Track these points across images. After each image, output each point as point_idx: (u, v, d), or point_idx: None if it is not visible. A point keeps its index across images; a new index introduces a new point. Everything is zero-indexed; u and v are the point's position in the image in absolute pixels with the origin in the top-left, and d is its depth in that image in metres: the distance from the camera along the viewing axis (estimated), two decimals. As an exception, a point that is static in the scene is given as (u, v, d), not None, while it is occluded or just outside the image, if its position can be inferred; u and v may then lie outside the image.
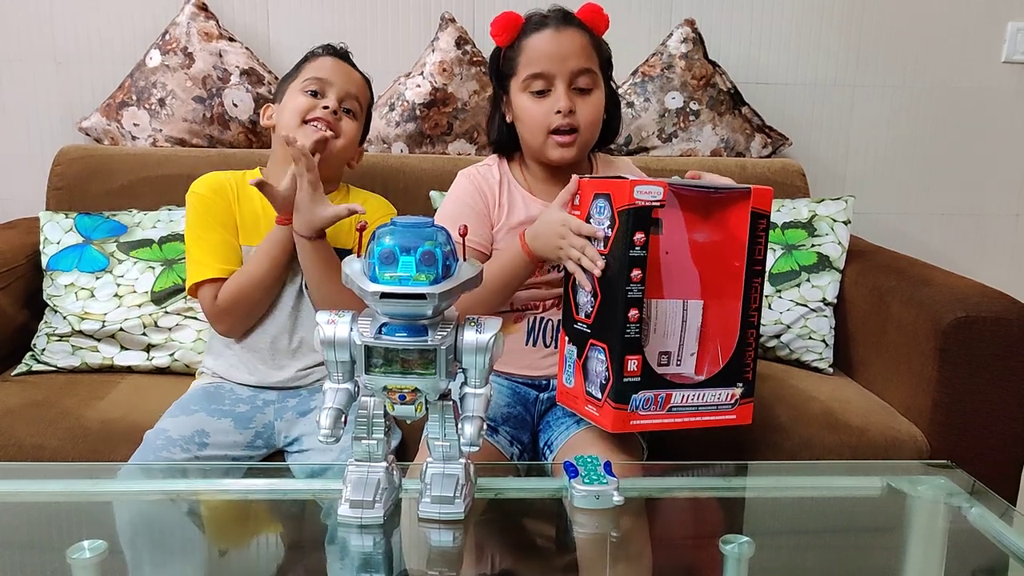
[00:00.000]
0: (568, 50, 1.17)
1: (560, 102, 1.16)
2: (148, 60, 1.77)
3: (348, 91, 1.31)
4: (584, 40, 1.18)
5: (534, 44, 1.18)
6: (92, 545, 0.79)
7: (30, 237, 1.60)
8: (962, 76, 2.05)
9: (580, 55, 1.17)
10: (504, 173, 1.26)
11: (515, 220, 1.23)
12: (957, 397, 1.33)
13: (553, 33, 1.17)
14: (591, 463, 0.93)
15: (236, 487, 1.03)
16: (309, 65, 1.32)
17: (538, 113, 1.18)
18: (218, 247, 1.26)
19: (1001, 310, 1.32)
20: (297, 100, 1.28)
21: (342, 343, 0.81)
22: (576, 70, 1.17)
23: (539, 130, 1.19)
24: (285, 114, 1.29)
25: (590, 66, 1.18)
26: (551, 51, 1.17)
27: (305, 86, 1.29)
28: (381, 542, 0.84)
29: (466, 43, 1.82)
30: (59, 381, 1.45)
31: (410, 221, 0.78)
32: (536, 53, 1.18)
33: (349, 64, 1.35)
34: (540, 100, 1.18)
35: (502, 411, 1.19)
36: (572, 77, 1.17)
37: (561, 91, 1.17)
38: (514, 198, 1.25)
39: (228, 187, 1.30)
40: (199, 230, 1.27)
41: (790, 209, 1.71)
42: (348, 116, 1.31)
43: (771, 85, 2.00)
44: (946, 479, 1.00)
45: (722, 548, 0.85)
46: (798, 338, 1.59)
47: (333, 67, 1.32)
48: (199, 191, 1.30)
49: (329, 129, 1.27)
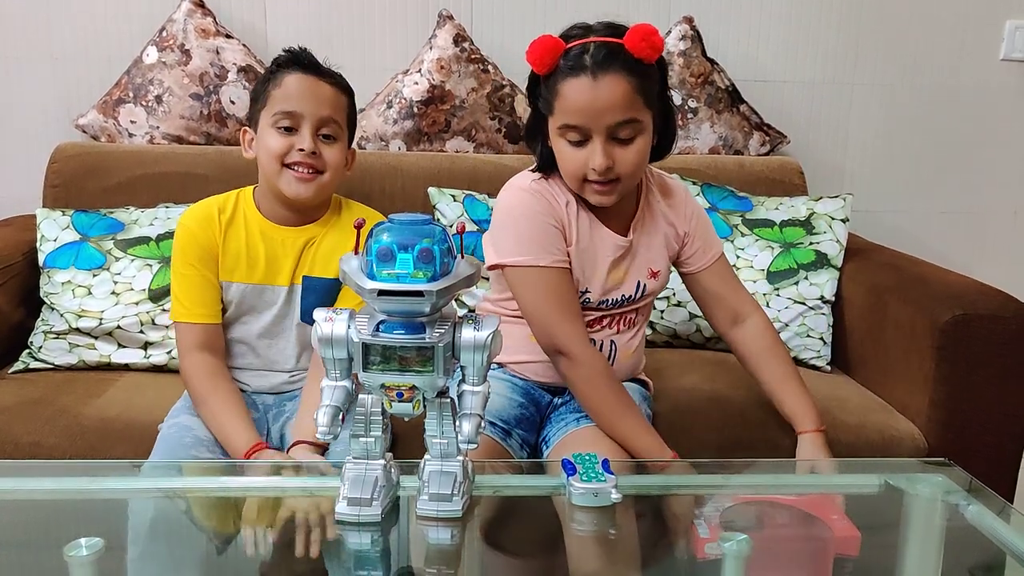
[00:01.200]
0: (605, 103, 1.05)
1: (596, 159, 1.08)
2: (145, 57, 1.76)
3: (322, 116, 1.19)
4: (625, 86, 1.06)
5: (569, 93, 1.07)
6: (89, 543, 0.79)
7: (27, 234, 1.60)
8: (960, 74, 2.05)
9: (619, 107, 1.06)
10: (563, 192, 1.17)
11: (583, 245, 1.17)
12: (955, 395, 1.33)
13: (590, 84, 1.05)
14: (589, 460, 0.93)
15: (234, 484, 1.03)
16: (276, 91, 1.20)
17: (574, 163, 1.10)
18: (195, 287, 1.22)
19: (999, 308, 1.32)
20: (270, 141, 1.19)
21: (339, 340, 0.81)
22: (613, 124, 1.07)
23: (575, 178, 1.12)
24: (262, 155, 1.21)
25: (631, 116, 1.07)
26: (586, 105, 1.06)
27: (276, 121, 1.19)
28: (379, 540, 0.84)
29: (464, 40, 1.81)
30: (56, 379, 1.44)
31: (408, 218, 0.78)
32: (571, 105, 1.07)
33: (318, 76, 1.22)
34: (577, 149, 1.10)
35: (515, 412, 1.19)
36: (611, 130, 1.08)
37: (599, 147, 1.07)
38: (581, 219, 1.17)
39: (216, 219, 1.24)
40: (180, 266, 1.23)
41: (788, 207, 1.71)
42: (328, 143, 1.21)
43: (769, 83, 1.99)
44: (944, 477, 1.00)
45: (720, 547, 0.85)
46: (796, 336, 1.59)
47: (301, 91, 1.19)
48: (185, 223, 1.25)
49: (310, 170, 1.19)
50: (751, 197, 1.74)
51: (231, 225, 1.24)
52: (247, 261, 1.23)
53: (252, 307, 1.26)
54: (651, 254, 1.22)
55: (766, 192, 1.78)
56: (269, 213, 1.26)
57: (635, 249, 1.20)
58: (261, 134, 1.21)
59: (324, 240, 1.26)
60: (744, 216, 1.70)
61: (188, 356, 1.21)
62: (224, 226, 1.24)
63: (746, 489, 1.02)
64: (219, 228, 1.24)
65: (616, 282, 1.20)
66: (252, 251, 1.23)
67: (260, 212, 1.26)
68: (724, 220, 1.69)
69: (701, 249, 1.24)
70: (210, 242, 1.23)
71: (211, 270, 1.23)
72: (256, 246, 1.24)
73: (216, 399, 1.18)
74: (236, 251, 1.24)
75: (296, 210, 1.25)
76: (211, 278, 1.23)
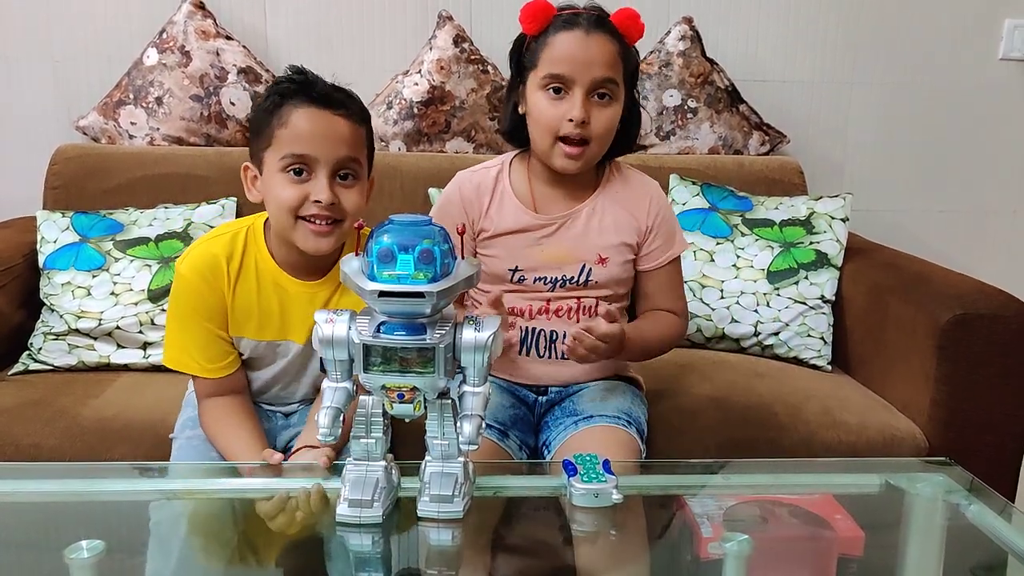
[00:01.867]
0: (594, 56, 1.11)
1: (575, 110, 1.11)
2: (145, 59, 1.76)
3: (339, 157, 1.02)
4: (613, 48, 1.12)
5: (560, 43, 1.12)
6: (90, 545, 0.79)
7: (27, 236, 1.60)
8: (959, 73, 2.05)
9: (605, 64, 1.11)
10: (502, 179, 1.21)
11: (502, 228, 1.19)
12: (955, 394, 1.33)
13: (582, 36, 1.11)
14: (590, 461, 0.93)
15: (234, 486, 1.03)
16: (282, 131, 1.02)
17: (551, 115, 1.12)
18: (200, 342, 1.10)
19: (999, 307, 1.32)
20: (281, 191, 1.02)
21: (340, 342, 0.81)
22: (598, 79, 1.11)
23: (548, 133, 1.14)
24: (272, 206, 1.05)
25: (613, 76, 1.12)
26: (576, 54, 1.11)
27: (285, 166, 1.02)
28: (380, 541, 0.84)
29: (464, 41, 1.81)
30: (56, 380, 1.44)
31: (408, 219, 0.78)
32: (560, 53, 1.12)
33: (330, 109, 1.03)
34: (555, 101, 1.12)
35: (508, 413, 1.19)
36: (593, 85, 1.11)
37: (578, 98, 1.11)
38: (504, 205, 1.20)
39: (224, 271, 1.08)
40: (180, 319, 1.10)
41: (788, 207, 1.71)
42: (347, 184, 1.04)
43: (769, 82, 1.99)
44: (944, 476, 1.00)
45: (722, 546, 0.85)
46: (796, 336, 1.59)
47: (313, 131, 1.01)
48: (185, 274, 1.08)
49: (328, 221, 1.03)
50: (751, 197, 1.74)
51: (240, 278, 1.09)
52: (259, 318, 1.10)
53: (263, 359, 1.15)
54: (602, 240, 1.19)
55: (766, 192, 1.78)
56: (283, 262, 1.10)
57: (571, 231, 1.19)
58: (269, 179, 1.04)
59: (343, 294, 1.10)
60: (744, 216, 1.70)
61: (204, 402, 1.13)
62: (233, 279, 1.08)
63: (747, 489, 1.02)
64: (227, 282, 1.08)
65: (553, 260, 1.19)
66: (265, 306, 1.09)
67: (273, 258, 1.10)
68: (724, 220, 1.69)
69: (659, 249, 1.22)
70: (218, 299, 1.09)
71: (220, 326, 1.10)
72: (269, 301, 1.09)
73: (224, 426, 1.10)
74: (247, 307, 1.09)
75: (310, 258, 1.08)
76: (222, 333, 1.11)
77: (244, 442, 1.07)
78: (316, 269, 1.10)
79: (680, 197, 1.73)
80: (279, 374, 1.16)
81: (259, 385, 1.19)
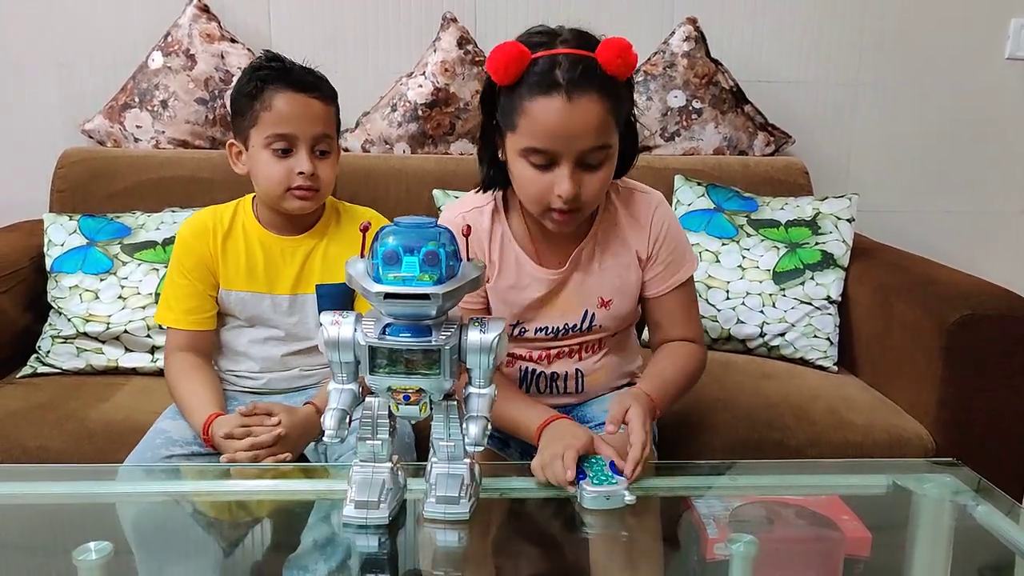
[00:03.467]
0: (580, 127, 0.96)
1: (563, 186, 0.98)
2: (150, 62, 1.77)
3: (316, 132, 1.18)
4: (601, 108, 0.96)
5: (539, 113, 0.96)
6: (98, 547, 0.79)
7: (33, 239, 1.61)
8: (965, 73, 2.05)
9: (594, 132, 0.96)
10: (499, 222, 1.11)
11: (505, 283, 1.10)
12: (962, 395, 1.32)
13: (564, 105, 0.95)
14: (597, 464, 0.93)
15: (240, 488, 1.03)
16: (266, 113, 1.17)
17: (537, 187, 1.00)
18: (187, 296, 1.24)
19: (1006, 308, 1.32)
20: (269, 169, 1.18)
21: (346, 344, 0.81)
22: (586, 150, 0.97)
23: (536, 204, 1.02)
24: (262, 181, 1.20)
25: (604, 141, 0.98)
26: (559, 130, 0.96)
27: (269, 143, 1.17)
28: (386, 543, 0.84)
29: (468, 43, 1.81)
30: (64, 383, 1.45)
31: (413, 221, 0.78)
32: (540, 127, 0.96)
33: (306, 92, 1.18)
34: (540, 173, 0.99)
35: None
36: (581, 156, 0.98)
37: (566, 173, 0.97)
38: (506, 255, 1.10)
39: (211, 231, 1.24)
40: (173, 273, 1.26)
41: (794, 207, 1.71)
42: (323, 158, 1.21)
43: (773, 83, 1.99)
44: (952, 477, 1.00)
45: (728, 547, 0.85)
46: (802, 336, 1.58)
47: (293, 112, 1.17)
48: (183, 234, 1.26)
49: (311, 190, 1.19)
50: (756, 197, 1.74)
51: (229, 236, 1.25)
52: (246, 270, 1.24)
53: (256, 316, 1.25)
54: (603, 283, 1.12)
55: (771, 192, 1.78)
56: (268, 223, 1.26)
57: (574, 281, 1.12)
58: (255, 155, 1.20)
59: (328, 248, 1.26)
60: (749, 216, 1.69)
61: (172, 355, 1.24)
62: (222, 238, 1.25)
63: (754, 490, 1.02)
64: (215, 240, 1.24)
65: (556, 311, 1.13)
66: (251, 260, 1.24)
67: (259, 223, 1.26)
68: (729, 220, 1.68)
69: (660, 276, 1.13)
70: (205, 254, 1.24)
71: (204, 281, 1.24)
72: (255, 256, 1.24)
73: (187, 380, 1.21)
74: (235, 261, 1.25)
75: (293, 218, 1.25)
76: (203, 289, 1.24)
77: (200, 397, 1.18)
78: (296, 227, 1.26)
79: (685, 198, 1.73)
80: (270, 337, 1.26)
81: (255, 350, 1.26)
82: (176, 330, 1.25)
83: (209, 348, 1.28)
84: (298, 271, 1.25)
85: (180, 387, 1.21)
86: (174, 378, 1.22)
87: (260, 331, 1.27)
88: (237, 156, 1.25)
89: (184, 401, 1.20)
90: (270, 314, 1.26)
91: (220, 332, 1.28)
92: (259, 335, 1.27)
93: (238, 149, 1.24)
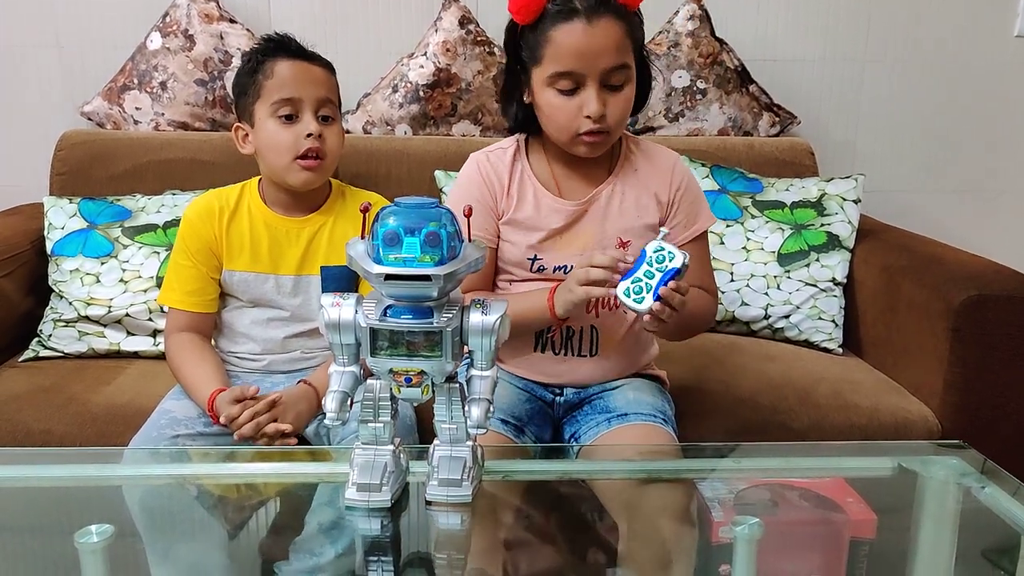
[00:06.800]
0: (601, 46, 1.04)
1: (591, 106, 1.05)
2: (149, 43, 1.75)
3: (319, 97, 1.21)
4: (619, 30, 1.05)
5: (562, 38, 1.05)
6: (100, 529, 0.79)
7: (34, 223, 1.60)
8: (973, 51, 2.02)
9: (614, 50, 1.05)
10: (519, 160, 1.17)
11: (523, 215, 1.15)
12: (969, 377, 1.31)
13: (585, 27, 1.04)
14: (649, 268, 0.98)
15: (242, 470, 1.03)
16: (269, 81, 1.20)
17: (566, 113, 1.08)
18: (191, 278, 1.25)
19: (1014, 289, 1.31)
20: (276, 136, 1.19)
21: (347, 326, 0.80)
22: (609, 68, 1.05)
23: (566, 131, 1.09)
24: (269, 152, 1.21)
25: (624, 60, 1.06)
26: (582, 49, 1.04)
27: (276, 110, 1.19)
28: (389, 525, 0.84)
29: (469, 22, 1.79)
30: (66, 367, 1.45)
31: (414, 202, 0.77)
32: (565, 50, 1.05)
33: (306, 59, 1.23)
34: (568, 98, 1.07)
35: (526, 408, 1.16)
36: (605, 75, 1.06)
37: (593, 93, 1.05)
38: (524, 190, 1.16)
39: (216, 213, 1.25)
40: (177, 255, 1.26)
41: (799, 188, 1.69)
42: (328, 124, 1.22)
43: (779, 62, 1.97)
44: (958, 459, 0.99)
45: (733, 530, 0.84)
46: (807, 318, 1.57)
47: (296, 76, 1.20)
48: (188, 216, 1.27)
49: (316, 156, 1.20)
50: (761, 179, 1.72)
51: (234, 218, 1.26)
52: (250, 250, 1.25)
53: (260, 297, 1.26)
54: (622, 223, 1.15)
55: (776, 173, 1.76)
56: (273, 203, 1.27)
57: (593, 215, 1.15)
58: (261, 127, 1.21)
59: (334, 229, 1.26)
60: (754, 198, 1.68)
61: (172, 335, 1.25)
62: (227, 220, 1.25)
63: (758, 472, 1.02)
64: (220, 222, 1.25)
65: (574, 247, 1.15)
66: (255, 240, 1.25)
67: (265, 203, 1.27)
68: (734, 202, 1.67)
69: (682, 223, 1.17)
70: (210, 236, 1.24)
71: (208, 264, 1.25)
72: (259, 235, 1.25)
73: (190, 357, 1.22)
74: (239, 241, 1.25)
75: (299, 197, 1.26)
76: (207, 272, 1.25)
77: (204, 372, 1.20)
78: (302, 208, 1.27)
79: (689, 179, 1.71)
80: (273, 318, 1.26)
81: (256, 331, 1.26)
82: (177, 311, 1.26)
83: (210, 330, 1.28)
84: (303, 252, 1.25)
85: (183, 365, 1.22)
86: (177, 357, 1.23)
87: (262, 312, 1.27)
88: (244, 139, 1.25)
89: (188, 379, 1.21)
90: (273, 295, 1.26)
91: (221, 313, 1.28)
92: (261, 316, 1.27)
93: (244, 132, 1.25)
